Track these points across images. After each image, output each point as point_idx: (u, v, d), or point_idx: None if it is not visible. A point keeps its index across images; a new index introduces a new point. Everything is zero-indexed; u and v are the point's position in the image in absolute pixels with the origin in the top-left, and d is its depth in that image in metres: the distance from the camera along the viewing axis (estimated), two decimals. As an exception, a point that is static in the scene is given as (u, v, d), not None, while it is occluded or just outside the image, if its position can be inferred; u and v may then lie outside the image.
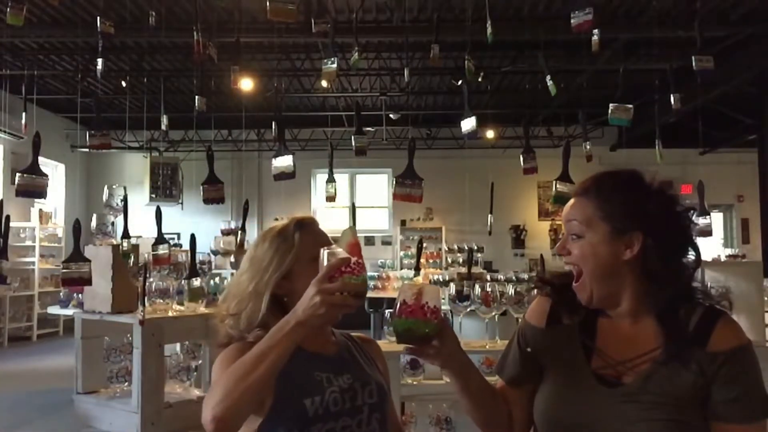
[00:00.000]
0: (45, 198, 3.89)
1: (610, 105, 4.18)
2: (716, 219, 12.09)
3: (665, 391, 1.16)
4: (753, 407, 1.15)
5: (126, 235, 3.71)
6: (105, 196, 3.61)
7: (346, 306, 1.19)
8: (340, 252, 1.23)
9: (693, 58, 4.44)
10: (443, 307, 1.26)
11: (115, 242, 3.29)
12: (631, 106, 4.19)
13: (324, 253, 1.22)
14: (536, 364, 1.33)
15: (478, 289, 2.70)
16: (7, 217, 3.55)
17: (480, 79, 8.44)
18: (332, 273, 1.18)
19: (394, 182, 3.55)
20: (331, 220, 10.95)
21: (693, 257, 1.24)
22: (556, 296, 1.34)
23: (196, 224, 8.12)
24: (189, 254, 3.80)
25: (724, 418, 1.15)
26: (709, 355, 1.16)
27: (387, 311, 2.79)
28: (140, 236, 5.55)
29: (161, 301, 2.92)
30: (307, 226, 1.46)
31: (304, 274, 1.36)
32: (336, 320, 1.37)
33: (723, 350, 1.16)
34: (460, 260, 11.67)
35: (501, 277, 8.64)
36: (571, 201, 1.30)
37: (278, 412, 1.32)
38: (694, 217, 1.28)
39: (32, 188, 3.28)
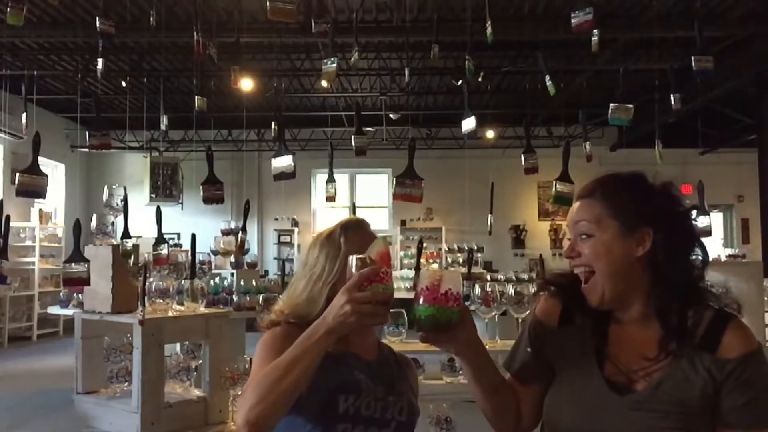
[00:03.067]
0: (45, 198, 3.89)
1: (610, 105, 4.19)
2: (716, 219, 12.09)
3: (675, 399, 1.15)
4: (762, 414, 1.13)
5: (126, 235, 3.70)
6: (105, 196, 3.60)
7: (375, 315, 1.19)
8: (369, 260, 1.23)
9: (693, 58, 4.45)
10: None
11: (115, 242, 3.29)
12: (631, 106, 4.20)
13: (352, 259, 1.21)
14: (546, 364, 1.31)
15: (478, 289, 2.70)
16: (7, 217, 3.55)
17: (480, 79, 8.43)
18: (363, 281, 1.17)
19: (394, 182, 3.55)
20: (331, 220, 10.93)
21: (701, 257, 1.24)
22: (566, 296, 1.32)
23: (196, 224, 8.11)
24: (189, 254, 3.81)
25: (733, 425, 1.14)
26: (719, 361, 1.15)
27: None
28: (140, 236, 5.55)
29: (161, 301, 2.92)
30: (352, 229, 1.47)
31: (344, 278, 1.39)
32: (367, 329, 1.40)
33: (733, 357, 1.14)
34: (460, 260, 11.68)
35: (501, 277, 8.66)
36: (576, 204, 1.29)
37: (308, 401, 1.31)
38: (695, 217, 1.28)
39: (32, 188, 3.28)
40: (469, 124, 4.54)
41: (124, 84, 9.18)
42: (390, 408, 1.38)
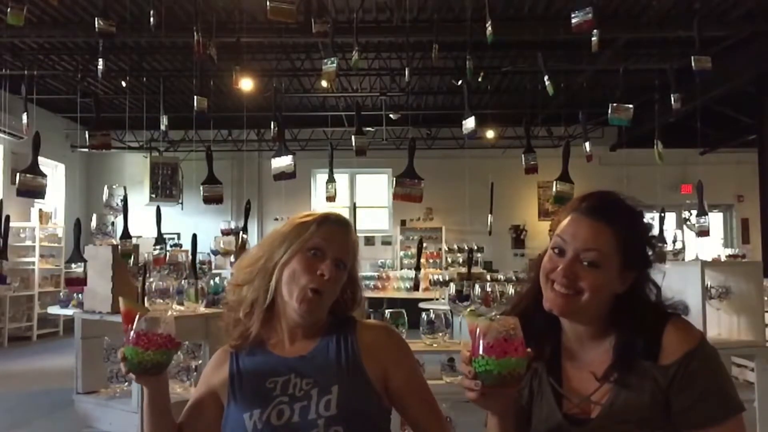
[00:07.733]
0: (45, 198, 3.88)
1: (610, 105, 4.18)
2: (716, 219, 12.07)
3: (628, 416, 1.15)
4: (713, 409, 1.12)
5: (126, 235, 3.70)
6: (105, 196, 3.60)
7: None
8: (158, 319, 1.28)
9: (692, 58, 4.46)
10: (444, 308, 1.24)
11: (115, 242, 3.29)
12: (631, 106, 4.19)
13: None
14: (522, 415, 1.29)
15: (478, 289, 2.70)
16: (7, 217, 3.55)
17: (480, 79, 8.44)
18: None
19: (394, 182, 3.55)
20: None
21: (654, 290, 1.25)
22: None
23: (196, 224, 8.11)
24: (189, 254, 3.80)
25: (689, 426, 1.13)
26: (661, 367, 1.14)
27: (387, 311, 2.78)
28: (140, 236, 5.55)
29: (161, 301, 2.92)
30: (328, 222, 1.41)
31: (292, 262, 1.36)
32: (302, 323, 1.37)
33: (675, 359, 1.14)
34: (460, 260, 11.68)
35: (501, 277, 8.65)
36: (591, 223, 1.22)
37: (226, 429, 1.34)
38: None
39: (32, 188, 3.28)
40: (469, 124, 4.54)
41: (124, 84, 9.17)
42: (312, 405, 1.28)
